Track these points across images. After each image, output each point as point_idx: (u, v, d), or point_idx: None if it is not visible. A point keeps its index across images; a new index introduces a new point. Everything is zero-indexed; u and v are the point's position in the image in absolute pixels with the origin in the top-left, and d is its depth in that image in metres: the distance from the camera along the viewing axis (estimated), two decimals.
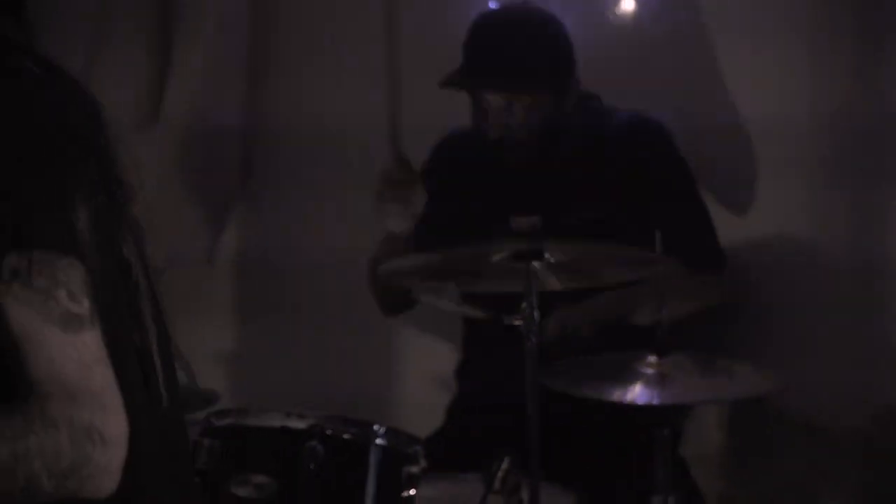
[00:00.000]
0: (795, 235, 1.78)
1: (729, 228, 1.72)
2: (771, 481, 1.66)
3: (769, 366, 1.49)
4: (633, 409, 1.46)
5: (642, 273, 1.48)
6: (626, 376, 1.43)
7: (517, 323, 1.38)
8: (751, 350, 1.67)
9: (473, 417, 1.68)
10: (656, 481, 1.38)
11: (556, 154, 1.71)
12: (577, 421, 1.51)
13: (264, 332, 2.13)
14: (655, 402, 1.43)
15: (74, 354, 0.66)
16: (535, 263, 1.39)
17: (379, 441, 1.34)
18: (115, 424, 0.66)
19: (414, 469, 1.36)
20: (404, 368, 1.94)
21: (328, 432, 1.31)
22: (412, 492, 1.34)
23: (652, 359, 1.42)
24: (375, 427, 1.35)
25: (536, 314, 1.34)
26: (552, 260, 1.41)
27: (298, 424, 1.32)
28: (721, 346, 1.66)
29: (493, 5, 1.78)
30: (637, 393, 1.41)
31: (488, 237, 1.49)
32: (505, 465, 1.40)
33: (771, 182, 1.80)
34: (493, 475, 1.40)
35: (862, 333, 1.72)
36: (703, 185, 1.74)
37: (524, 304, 1.37)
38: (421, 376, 1.85)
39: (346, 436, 1.34)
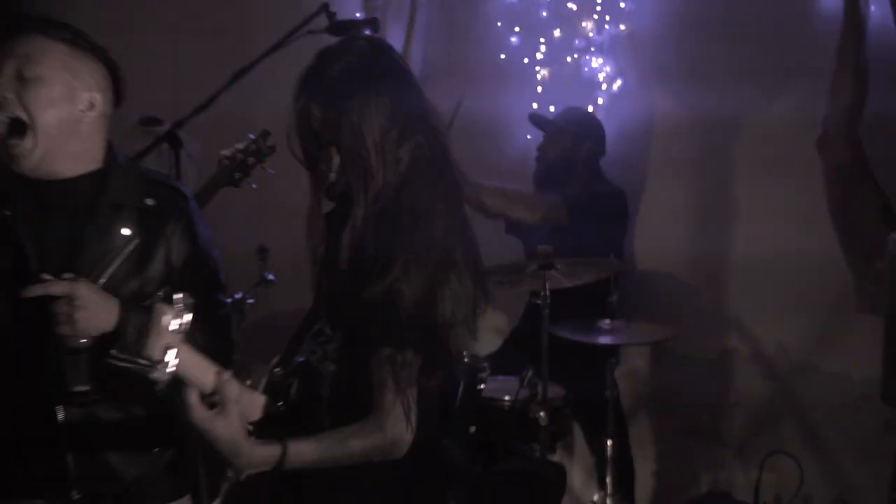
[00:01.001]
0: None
1: None
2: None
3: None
4: (598, 347, 2.76)
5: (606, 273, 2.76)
6: (595, 329, 2.74)
7: (539, 302, 2.67)
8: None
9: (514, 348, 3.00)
10: (607, 384, 2.72)
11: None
12: (569, 351, 2.81)
13: None
14: (611, 342, 2.74)
15: None
16: (550, 271, 2.67)
17: (465, 359, 2.59)
18: None
19: (483, 374, 2.62)
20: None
21: None
22: (482, 386, 2.61)
23: (607, 321, 2.73)
24: (463, 352, 2.60)
25: (549, 298, 2.63)
26: (559, 268, 2.69)
27: None
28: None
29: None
30: (602, 337, 2.72)
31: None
32: (529, 374, 2.70)
33: None
34: (523, 378, 2.70)
35: None
36: None
37: (542, 293, 2.65)
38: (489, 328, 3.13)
39: None
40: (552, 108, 3.13)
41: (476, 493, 2.41)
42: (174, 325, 1.45)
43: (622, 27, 3.03)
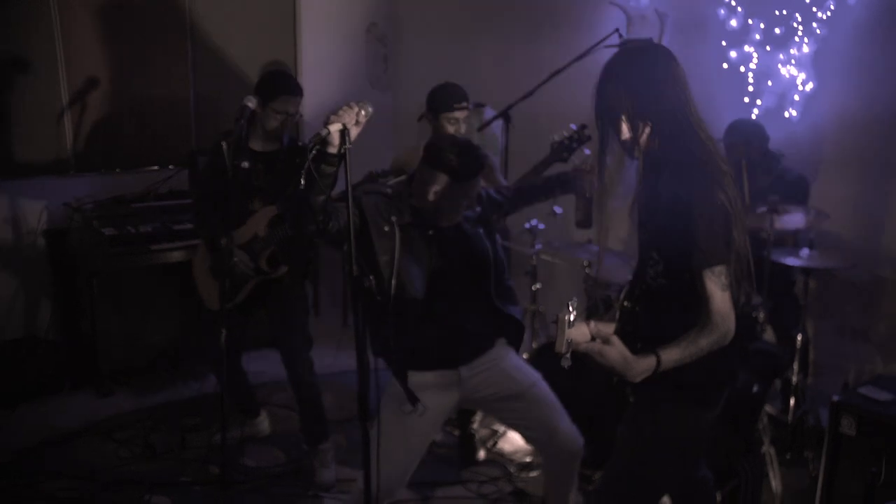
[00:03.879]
0: None
1: None
2: None
3: None
4: (797, 269, 4.04)
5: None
6: (798, 255, 4.01)
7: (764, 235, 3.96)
8: None
9: None
10: (800, 297, 4.01)
11: None
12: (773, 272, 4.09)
13: None
14: (807, 265, 4.00)
15: None
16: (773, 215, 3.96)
17: None
18: None
19: None
20: None
21: None
22: None
23: (805, 250, 4.00)
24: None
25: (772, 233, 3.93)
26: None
27: None
28: None
29: None
30: (798, 261, 3.99)
31: None
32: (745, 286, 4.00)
33: None
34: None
35: None
36: None
37: (768, 229, 3.95)
38: None
39: None
40: (759, 102, 4.42)
41: None
42: None
43: (815, 47, 4.26)
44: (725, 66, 4.48)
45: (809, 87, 4.29)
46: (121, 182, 5.12)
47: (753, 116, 4.42)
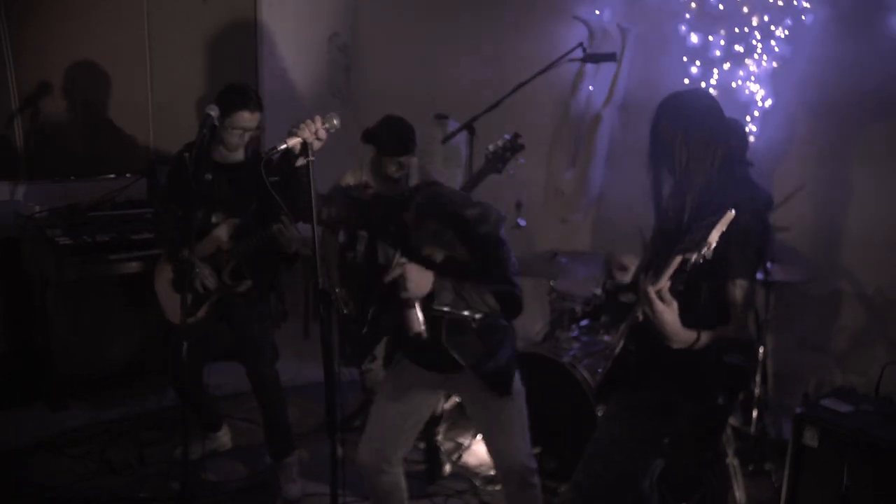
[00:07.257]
0: None
1: None
2: None
3: None
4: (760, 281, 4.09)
5: None
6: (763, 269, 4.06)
7: None
8: None
9: None
10: (767, 309, 4.07)
11: None
12: None
13: None
14: (770, 279, 4.07)
15: None
16: None
17: None
18: None
19: None
20: None
21: None
22: None
23: (769, 264, 4.06)
24: None
25: None
26: None
27: None
28: None
29: None
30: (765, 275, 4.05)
31: None
32: None
33: None
34: None
35: None
36: None
37: None
38: None
39: None
40: None
41: None
42: None
43: (774, 64, 4.34)
44: (687, 81, 4.55)
45: (768, 103, 4.37)
46: (75, 190, 4.98)
47: None
